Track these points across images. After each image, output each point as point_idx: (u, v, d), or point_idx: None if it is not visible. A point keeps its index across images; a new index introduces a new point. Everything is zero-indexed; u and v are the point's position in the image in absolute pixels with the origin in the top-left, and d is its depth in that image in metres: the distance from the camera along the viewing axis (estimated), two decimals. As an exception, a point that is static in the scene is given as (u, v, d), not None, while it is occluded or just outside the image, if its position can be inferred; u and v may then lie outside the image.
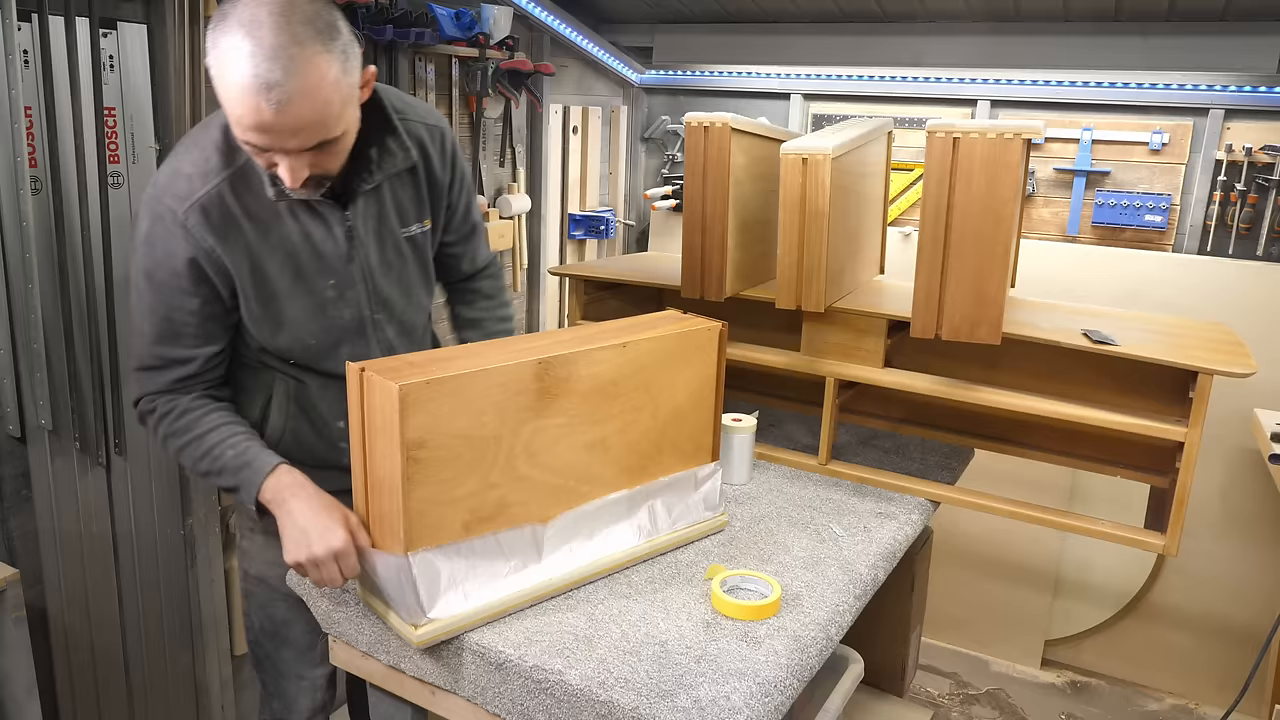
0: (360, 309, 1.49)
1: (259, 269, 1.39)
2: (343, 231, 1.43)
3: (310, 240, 1.41)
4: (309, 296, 1.43)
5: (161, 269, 1.35)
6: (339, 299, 1.46)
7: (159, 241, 1.35)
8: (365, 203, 1.45)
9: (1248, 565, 2.86)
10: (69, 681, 2.04)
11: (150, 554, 2.15)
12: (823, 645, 1.32)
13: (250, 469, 1.37)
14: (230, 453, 1.38)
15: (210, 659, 2.28)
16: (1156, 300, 2.81)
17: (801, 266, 1.78)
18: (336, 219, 1.42)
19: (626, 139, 3.62)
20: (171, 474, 2.15)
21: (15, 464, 1.89)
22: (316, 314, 1.45)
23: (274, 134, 1.20)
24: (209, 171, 1.34)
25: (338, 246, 1.43)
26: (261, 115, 1.17)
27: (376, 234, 1.48)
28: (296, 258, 1.41)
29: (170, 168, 1.37)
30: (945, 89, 3.09)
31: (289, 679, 1.68)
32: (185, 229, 1.33)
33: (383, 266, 1.50)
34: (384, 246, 1.49)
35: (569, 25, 3.08)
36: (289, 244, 1.40)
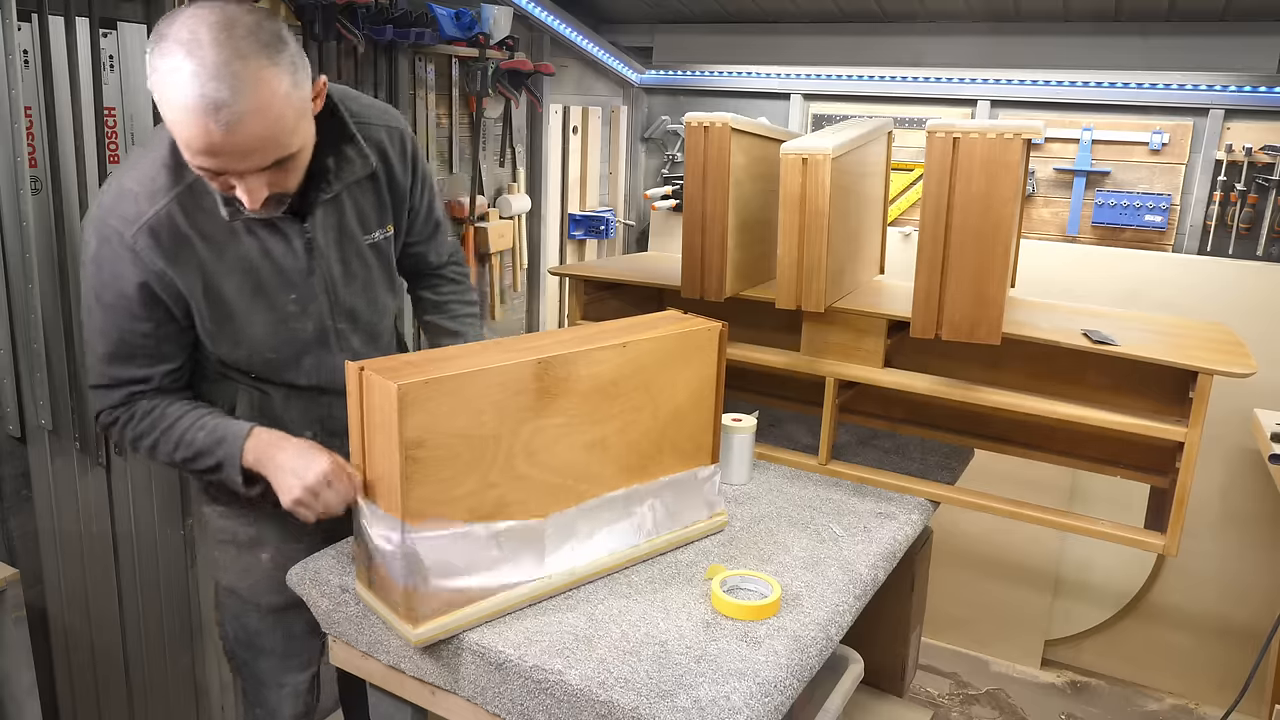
0: (323, 320, 1.46)
1: (213, 288, 1.35)
2: (302, 244, 1.39)
3: (269, 256, 1.37)
4: (269, 312, 1.40)
5: (109, 291, 1.31)
6: (301, 313, 1.43)
7: (106, 264, 1.30)
8: (324, 213, 1.41)
9: (1248, 565, 2.86)
10: (69, 681, 2.04)
11: (150, 554, 2.15)
12: (823, 645, 1.32)
13: (227, 442, 1.36)
14: (202, 434, 1.37)
15: (210, 659, 2.28)
16: (1156, 300, 2.81)
17: (801, 266, 1.78)
18: (295, 232, 1.38)
19: (626, 139, 3.62)
20: (171, 474, 2.15)
21: (15, 464, 1.89)
22: (277, 328, 1.42)
23: (226, 156, 1.15)
24: (156, 191, 1.28)
25: (297, 260, 1.40)
26: (211, 138, 1.12)
27: (338, 244, 1.44)
28: (255, 274, 1.37)
29: (116, 186, 1.31)
30: (945, 89, 3.09)
31: (269, 687, 1.67)
32: (134, 252, 1.28)
33: (345, 277, 1.47)
34: (346, 256, 1.46)
35: (569, 25, 3.08)
36: (246, 261, 1.36)
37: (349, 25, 2.27)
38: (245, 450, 1.36)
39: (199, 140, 1.13)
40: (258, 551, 1.58)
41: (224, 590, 1.65)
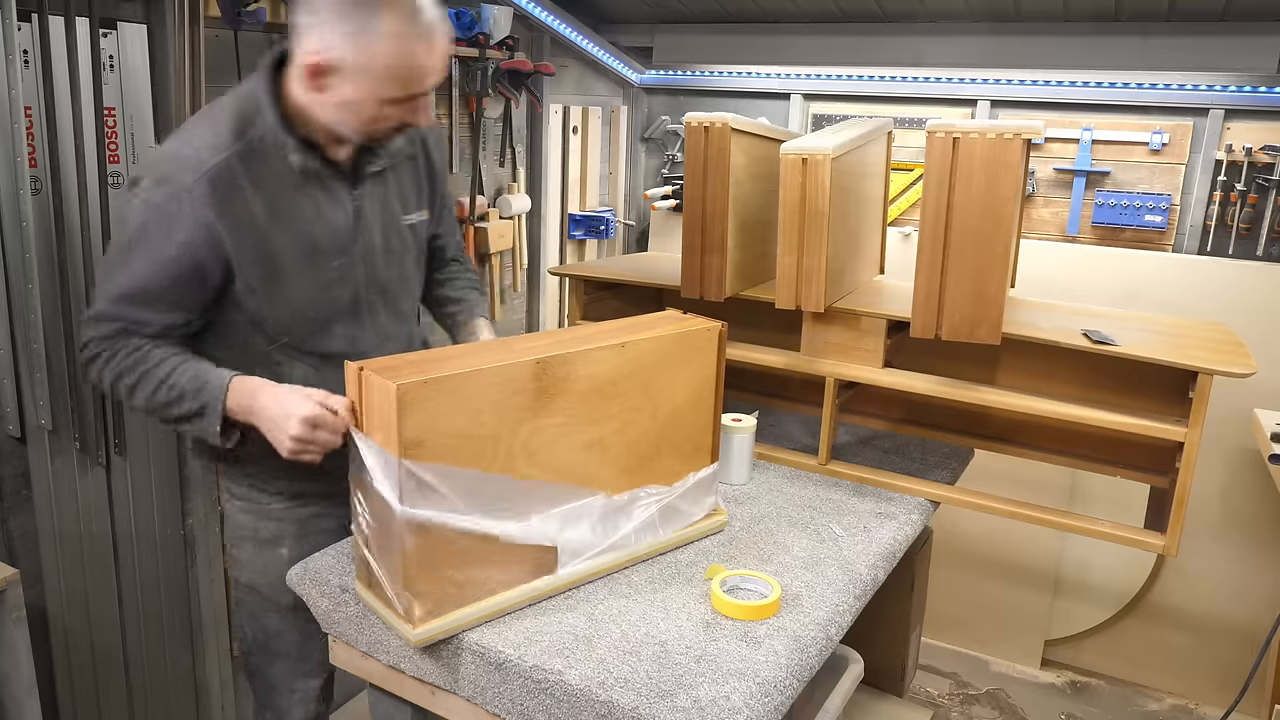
0: (358, 289, 1.50)
1: (264, 243, 1.38)
2: (351, 209, 1.46)
3: (322, 217, 1.43)
4: (313, 272, 1.44)
5: (155, 233, 1.33)
6: (340, 279, 1.47)
7: (157, 208, 1.33)
8: (372, 185, 1.49)
9: (1248, 565, 2.86)
10: (69, 681, 2.04)
11: (150, 554, 2.15)
12: (823, 645, 1.32)
13: (210, 386, 1.34)
14: (185, 377, 1.35)
15: (210, 659, 2.28)
16: (1156, 300, 2.81)
17: (801, 266, 1.78)
18: (347, 197, 1.45)
19: (626, 139, 3.62)
20: (171, 474, 2.15)
21: (15, 464, 1.89)
22: (318, 291, 1.46)
23: (430, 72, 1.33)
24: (218, 145, 1.34)
25: (346, 224, 1.46)
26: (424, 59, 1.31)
27: (380, 217, 1.51)
28: (306, 232, 1.42)
29: (177, 140, 1.38)
30: (945, 89, 3.09)
31: (281, 692, 1.66)
32: (191, 200, 1.32)
33: (384, 250, 1.52)
34: (386, 230, 1.52)
35: (569, 25, 3.08)
36: (299, 218, 1.41)
37: (349, 25, 2.26)
38: (229, 396, 1.34)
39: (420, 62, 1.31)
40: (277, 548, 1.59)
41: (243, 588, 1.65)
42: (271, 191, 1.37)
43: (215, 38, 2.05)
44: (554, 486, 1.36)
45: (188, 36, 1.93)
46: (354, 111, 1.33)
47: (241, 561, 1.63)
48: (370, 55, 1.28)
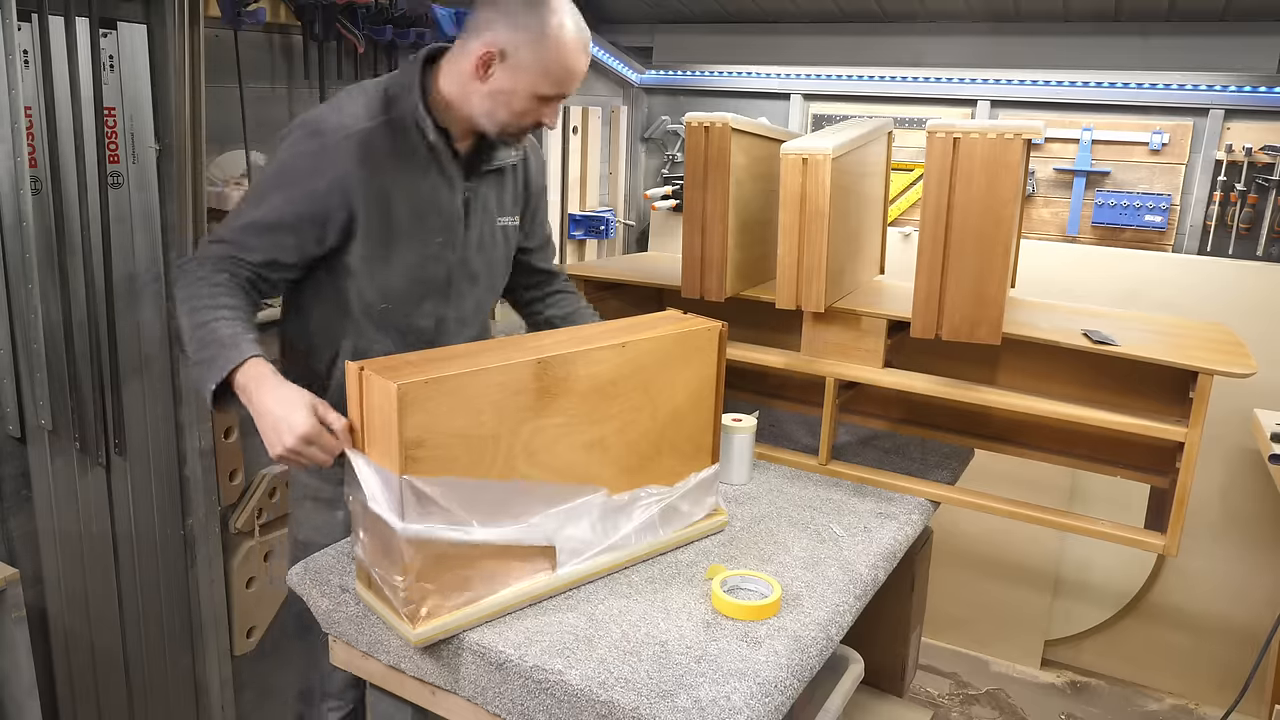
0: (452, 271, 1.63)
1: (387, 206, 1.52)
2: (462, 199, 1.60)
3: (436, 195, 1.57)
4: (420, 244, 1.57)
5: (295, 175, 1.47)
6: (439, 257, 1.60)
7: (306, 154, 1.48)
8: (482, 183, 1.64)
9: (1248, 565, 2.86)
10: (69, 681, 2.04)
11: (150, 554, 2.15)
12: (823, 645, 1.32)
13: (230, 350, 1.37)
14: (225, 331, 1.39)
15: (210, 659, 2.28)
16: (1156, 300, 2.81)
17: (801, 266, 1.78)
18: (460, 185, 1.60)
19: (626, 139, 3.62)
20: (171, 474, 2.15)
21: (15, 464, 1.88)
22: (420, 263, 1.58)
23: (579, 78, 1.52)
24: (368, 115, 1.51)
25: (455, 209, 1.60)
26: (580, 64, 1.50)
27: (482, 213, 1.65)
28: (420, 205, 1.55)
29: (330, 107, 1.54)
30: (945, 89, 3.09)
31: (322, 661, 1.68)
32: (337, 152, 1.46)
33: (479, 243, 1.66)
34: (485, 226, 1.66)
35: (569, 25, 3.07)
36: (419, 193, 1.55)
37: (349, 25, 2.27)
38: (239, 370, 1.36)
39: (577, 66, 1.50)
40: (335, 510, 1.69)
41: (300, 545, 1.72)
42: (403, 164, 1.53)
43: (215, 38, 2.05)
44: (554, 487, 1.36)
45: (188, 36, 1.93)
46: (505, 102, 1.49)
47: (299, 519, 1.75)
48: (540, 52, 1.45)
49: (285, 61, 2.27)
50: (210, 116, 2.02)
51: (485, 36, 1.47)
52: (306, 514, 1.73)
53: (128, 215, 1.95)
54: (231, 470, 2.25)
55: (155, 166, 1.98)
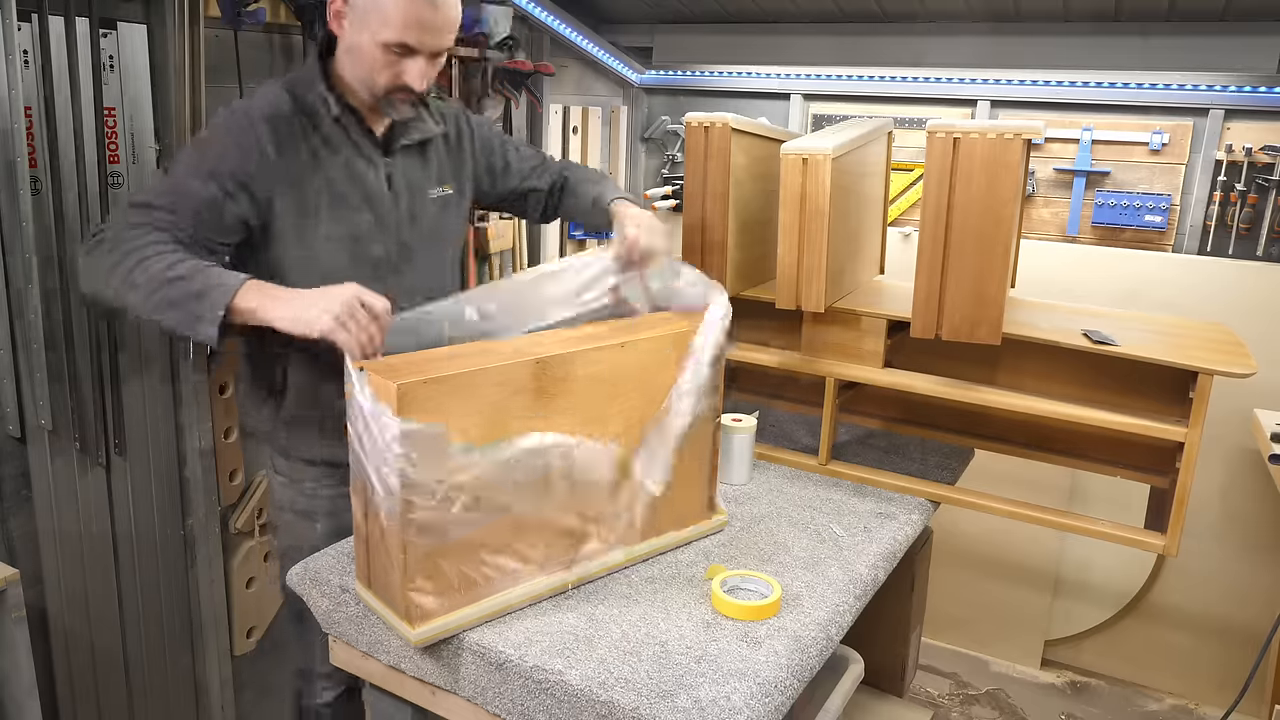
0: (385, 250, 1.61)
1: (302, 185, 1.52)
2: (384, 176, 1.60)
3: (354, 173, 1.57)
4: (345, 225, 1.56)
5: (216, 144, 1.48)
6: (366, 235, 1.58)
7: (222, 134, 1.49)
8: (402, 158, 1.63)
9: (1248, 565, 2.86)
10: (69, 681, 2.04)
11: (150, 554, 2.15)
12: (823, 645, 1.32)
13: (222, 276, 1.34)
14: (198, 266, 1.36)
15: (210, 659, 2.28)
16: (1156, 300, 2.81)
17: (801, 266, 1.78)
18: (380, 163, 1.60)
19: (626, 139, 3.62)
20: (171, 474, 2.15)
21: (15, 464, 1.88)
22: (345, 242, 1.56)
23: (430, 30, 1.45)
24: (279, 101, 1.53)
25: (378, 186, 1.59)
26: (424, 13, 1.43)
27: (408, 189, 1.64)
28: (340, 186, 1.55)
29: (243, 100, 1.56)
30: (945, 89, 3.09)
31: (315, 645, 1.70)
32: (254, 130, 1.48)
33: (409, 218, 1.64)
34: (413, 201, 1.65)
35: (569, 25, 3.08)
36: (335, 173, 1.55)
37: (349, 25, 2.27)
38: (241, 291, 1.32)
39: (419, 13, 1.43)
40: (311, 520, 1.70)
41: (287, 549, 1.74)
42: (316, 147, 1.53)
43: (215, 38, 2.05)
44: (554, 486, 1.36)
45: (188, 36, 1.93)
46: (359, 57, 1.48)
47: (280, 527, 1.76)
48: None
49: (285, 61, 2.27)
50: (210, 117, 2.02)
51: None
52: (286, 525, 1.74)
53: (128, 215, 1.95)
54: (231, 470, 2.25)
55: (155, 166, 1.98)
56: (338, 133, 1.55)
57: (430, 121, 1.67)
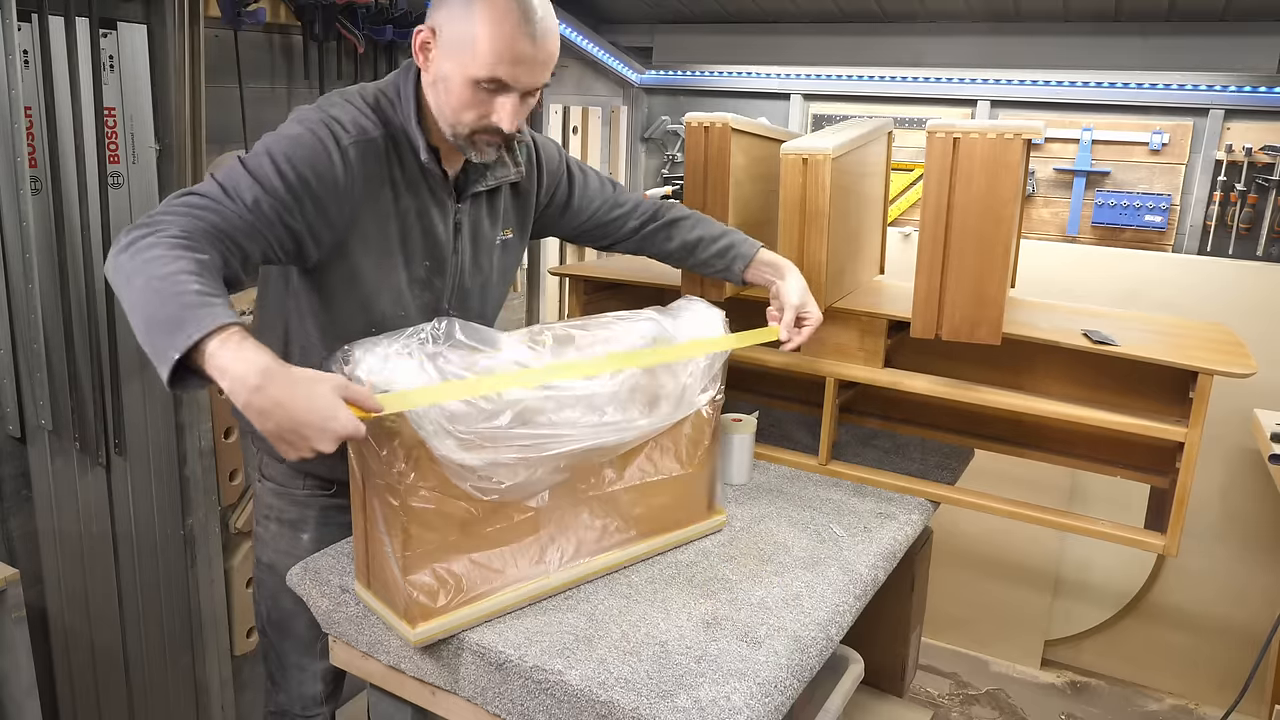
0: (440, 298, 1.54)
1: (371, 224, 1.41)
2: (452, 223, 1.51)
3: (425, 216, 1.47)
4: (404, 269, 1.47)
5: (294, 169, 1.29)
6: (427, 282, 1.51)
7: (312, 150, 1.32)
8: (473, 204, 1.53)
9: (1248, 565, 2.86)
10: (69, 681, 2.04)
11: (150, 554, 2.15)
12: (823, 645, 1.32)
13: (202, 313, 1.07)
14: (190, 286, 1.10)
15: (210, 659, 2.28)
16: (1156, 300, 2.81)
17: (801, 266, 1.78)
18: (450, 209, 1.50)
19: (626, 139, 3.62)
20: (171, 474, 2.15)
21: (15, 464, 1.89)
22: (404, 289, 1.48)
23: (526, 65, 1.32)
24: (372, 125, 1.39)
25: (445, 232, 1.50)
26: (523, 45, 1.30)
27: (473, 236, 1.55)
28: (409, 227, 1.45)
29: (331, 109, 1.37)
30: (945, 89, 3.09)
31: (291, 669, 1.70)
32: (343, 153, 1.34)
33: (473, 266, 1.57)
34: (478, 249, 1.57)
35: (569, 25, 3.08)
36: (408, 216, 1.45)
37: (349, 25, 2.27)
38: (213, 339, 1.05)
39: (514, 46, 1.30)
40: (299, 532, 1.63)
41: (264, 566, 1.68)
42: (398, 182, 1.43)
43: (215, 38, 2.05)
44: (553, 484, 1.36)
45: (188, 36, 1.93)
46: (445, 90, 1.35)
47: (264, 540, 1.67)
48: (467, 25, 1.30)
49: (285, 61, 2.27)
50: (210, 117, 2.02)
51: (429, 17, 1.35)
52: (271, 535, 1.65)
53: (128, 215, 1.95)
54: (231, 470, 2.25)
55: (155, 166, 1.98)
56: (417, 172, 1.43)
57: (510, 165, 1.55)
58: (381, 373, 1.16)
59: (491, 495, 1.27)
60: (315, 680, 1.70)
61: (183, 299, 1.08)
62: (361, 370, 1.17)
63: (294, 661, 1.69)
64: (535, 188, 1.65)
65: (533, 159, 1.63)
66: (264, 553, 1.68)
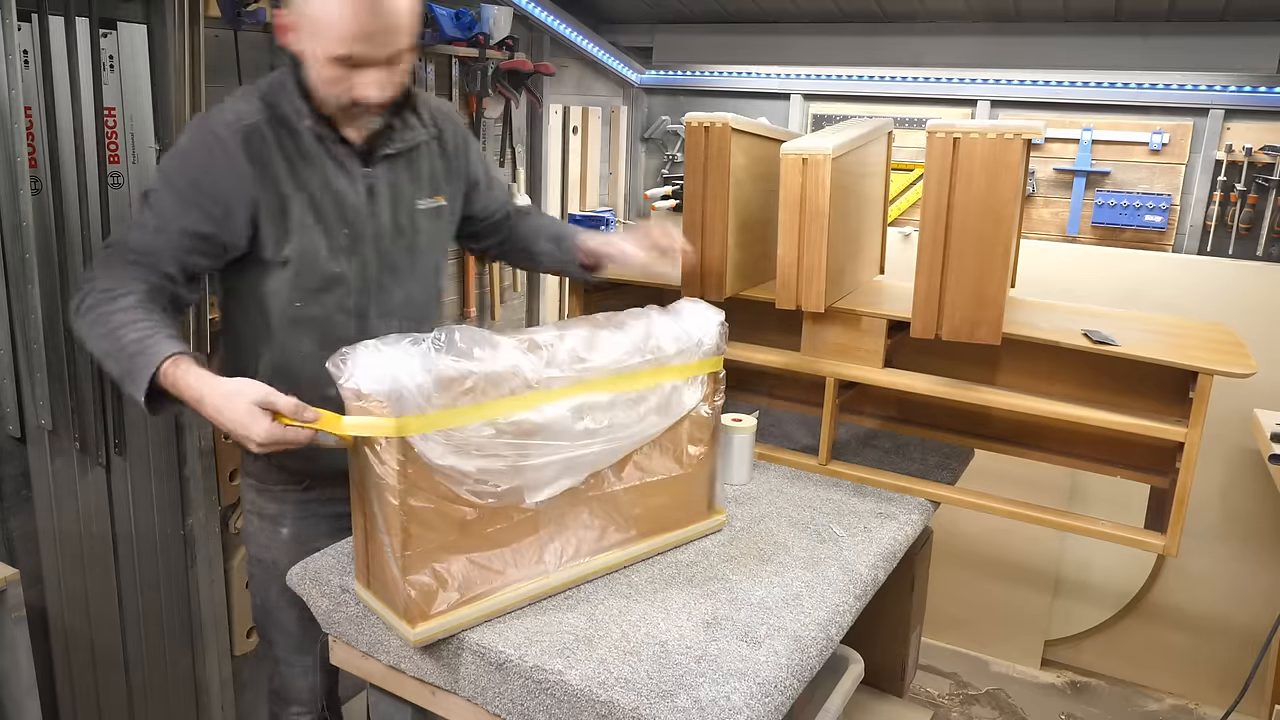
0: (366, 265, 1.55)
1: (284, 199, 1.45)
2: (364, 188, 1.52)
3: (331, 186, 1.49)
4: (324, 237, 1.50)
5: (183, 178, 1.42)
6: (349, 249, 1.52)
7: (195, 155, 1.43)
8: (386, 168, 1.55)
9: (1248, 565, 2.86)
10: (69, 681, 2.04)
11: (150, 554, 2.15)
12: (823, 645, 1.32)
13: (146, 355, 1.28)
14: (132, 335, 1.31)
15: (210, 659, 2.28)
16: (1156, 300, 2.81)
17: (801, 266, 1.78)
18: (359, 174, 1.51)
19: (626, 139, 3.62)
20: (171, 474, 2.15)
21: (15, 464, 1.89)
22: (328, 257, 1.51)
23: (375, 37, 1.34)
24: (251, 110, 1.45)
25: (358, 199, 1.52)
26: (366, 19, 1.32)
27: (392, 199, 1.56)
28: (318, 198, 1.48)
29: (215, 108, 1.48)
30: (945, 89, 3.09)
31: (285, 661, 1.73)
32: (225, 148, 1.41)
33: (394, 232, 1.57)
34: (398, 212, 1.57)
35: (569, 25, 3.08)
36: (313, 185, 1.48)
37: (349, 25, 2.26)
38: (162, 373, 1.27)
39: (356, 19, 1.32)
40: (278, 526, 1.67)
41: (253, 561, 1.72)
42: (292, 157, 1.46)
43: (215, 38, 2.05)
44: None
45: (188, 36, 1.93)
46: (313, 70, 1.40)
47: (249, 534, 1.72)
48: (313, 5, 1.34)
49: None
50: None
51: None
52: (254, 530, 1.70)
53: (127, 215, 1.95)
54: (231, 470, 2.25)
55: (155, 166, 1.98)
56: (314, 144, 1.47)
57: (418, 127, 1.58)
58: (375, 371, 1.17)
59: (489, 499, 1.27)
60: (306, 673, 1.72)
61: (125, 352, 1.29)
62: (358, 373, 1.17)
63: (285, 655, 1.72)
64: (462, 161, 1.68)
65: (459, 133, 1.68)
66: (251, 547, 1.72)
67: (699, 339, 1.48)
